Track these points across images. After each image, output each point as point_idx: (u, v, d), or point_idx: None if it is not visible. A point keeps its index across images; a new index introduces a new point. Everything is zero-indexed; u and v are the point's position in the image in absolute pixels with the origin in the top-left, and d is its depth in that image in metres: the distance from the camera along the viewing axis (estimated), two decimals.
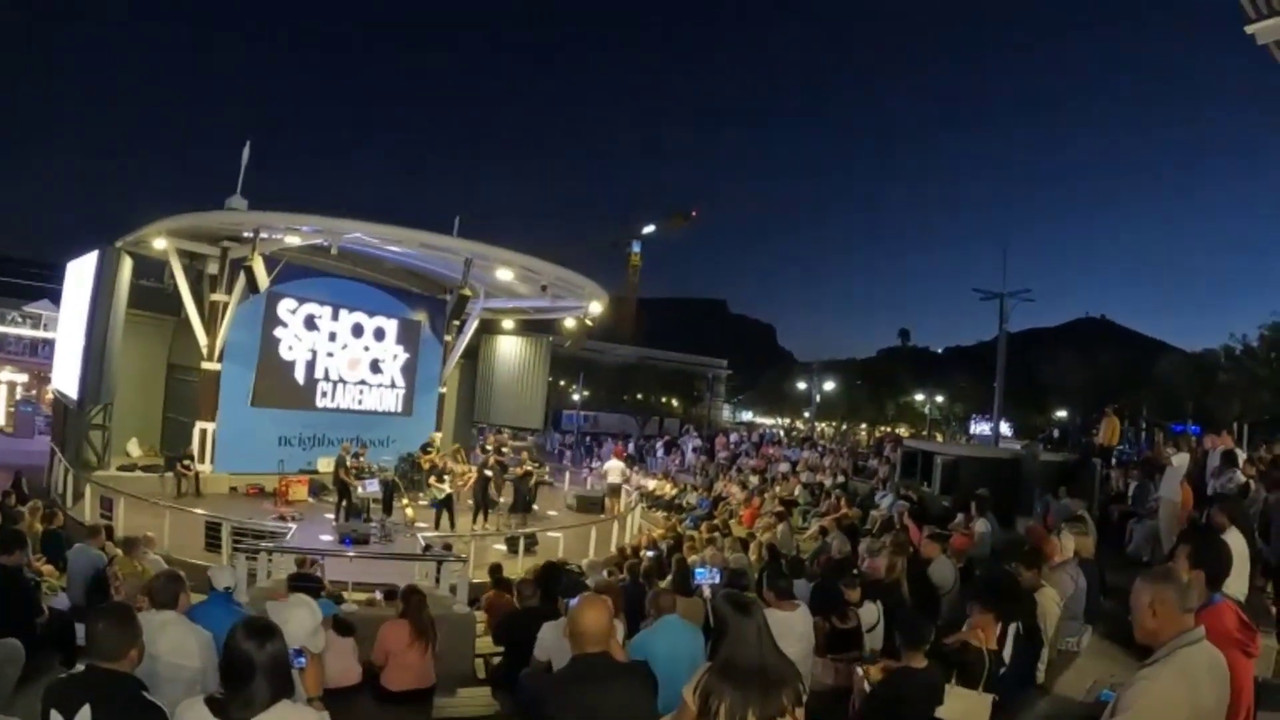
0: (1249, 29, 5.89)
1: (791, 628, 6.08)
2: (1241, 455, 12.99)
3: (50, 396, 30.41)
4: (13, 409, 45.31)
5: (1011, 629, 6.16)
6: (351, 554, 13.28)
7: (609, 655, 3.96)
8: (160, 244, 20.20)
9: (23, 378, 51.10)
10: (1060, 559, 8.12)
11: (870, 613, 8.06)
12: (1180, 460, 11.92)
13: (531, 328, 30.44)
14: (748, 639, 3.84)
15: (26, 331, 52.91)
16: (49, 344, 33.56)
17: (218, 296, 21.19)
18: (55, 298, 31.73)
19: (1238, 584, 6.91)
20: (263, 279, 19.06)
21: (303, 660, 4.08)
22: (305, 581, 11.28)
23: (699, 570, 7.24)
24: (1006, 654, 6.05)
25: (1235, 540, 7.40)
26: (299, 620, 4.69)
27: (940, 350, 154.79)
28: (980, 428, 67.05)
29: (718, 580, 7.00)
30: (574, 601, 4.21)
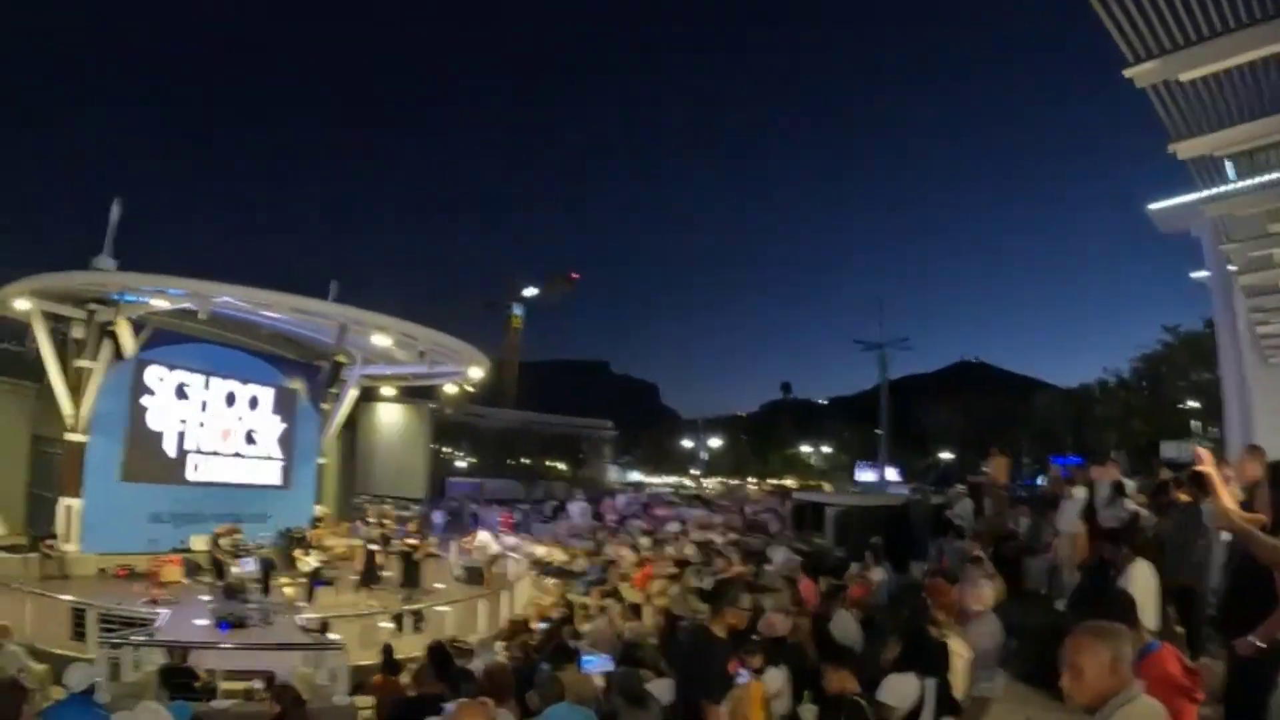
0: (1128, 73, 5.85)
1: None
2: (1130, 484, 13.12)
3: None
4: None
5: (930, 684, 5.89)
6: (225, 645, 12.54)
7: None
8: (23, 305, 19.20)
9: None
10: (980, 608, 7.83)
11: (775, 679, 7.69)
12: (1080, 493, 12.04)
13: (411, 394, 29.87)
14: None
15: None
16: None
17: (83, 362, 20.12)
18: None
19: (1149, 616, 6.82)
20: (128, 344, 18.37)
21: None
22: (179, 676, 10.62)
23: (586, 658, 6.78)
24: (927, 712, 5.79)
25: (1142, 572, 7.34)
26: None
27: (823, 401, 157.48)
28: (866, 475, 67.88)
29: (610, 667, 6.56)
30: (450, 708, 3.85)
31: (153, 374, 21.78)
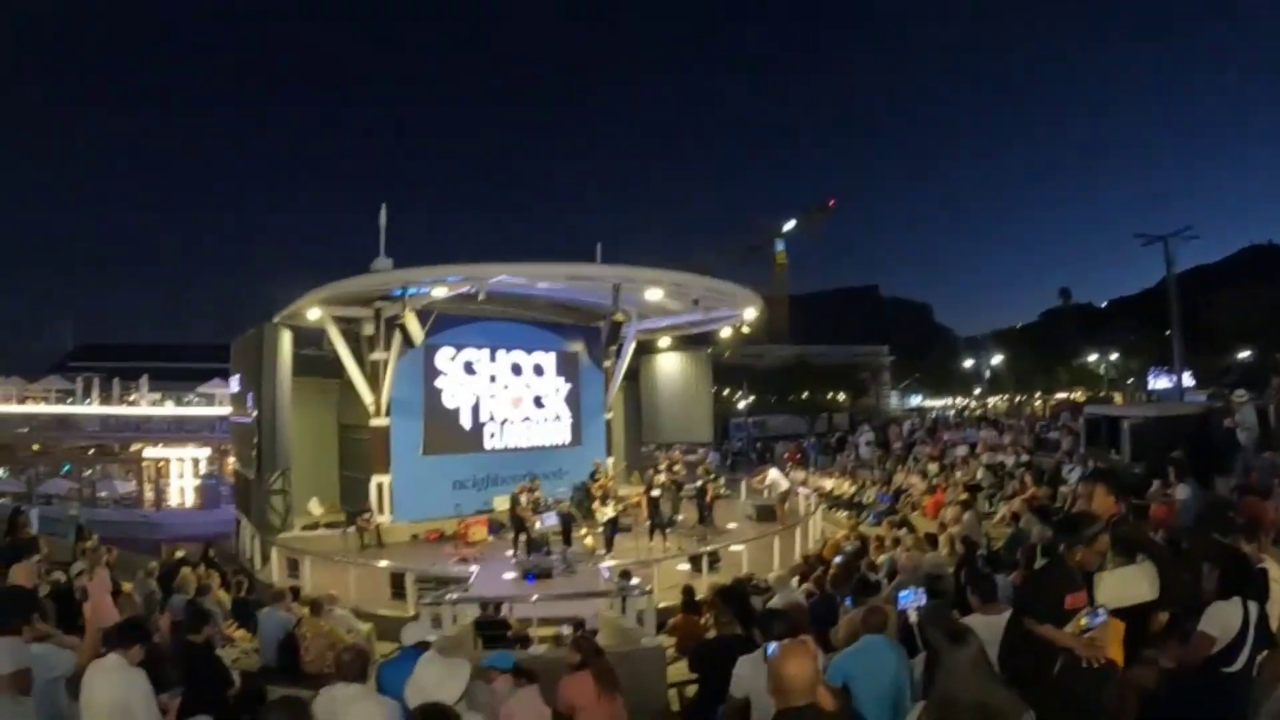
0: None
1: (1000, 635, 5.54)
2: None
3: (232, 468, 31.69)
4: (198, 483, 48.60)
5: (1254, 611, 5.46)
6: (535, 598, 13.22)
7: (816, 707, 3.62)
8: (314, 314, 20.64)
9: (205, 452, 54.75)
10: None
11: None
12: None
13: (688, 342, 30.19)
14: (962, 672, 3.51)
15: (204, 410, 56.61)
16: (225, 420, 35.36)
17: (377, 355, 21.66)
18: (226, 376, 33.18)
19: None
20: (417, 333, 19.42)
21: None
22: (493, 627, 11.37)
23: (902, 594, 6.66)
24: (1248, 642, 5.41)
25: None
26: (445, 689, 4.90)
27: (1104, 304, 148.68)
28: (1159, 381, 62.78)
29: (923, 600, 6.41)
30: (773, 648, 3.93)
31: (442, 356, 23.23)
